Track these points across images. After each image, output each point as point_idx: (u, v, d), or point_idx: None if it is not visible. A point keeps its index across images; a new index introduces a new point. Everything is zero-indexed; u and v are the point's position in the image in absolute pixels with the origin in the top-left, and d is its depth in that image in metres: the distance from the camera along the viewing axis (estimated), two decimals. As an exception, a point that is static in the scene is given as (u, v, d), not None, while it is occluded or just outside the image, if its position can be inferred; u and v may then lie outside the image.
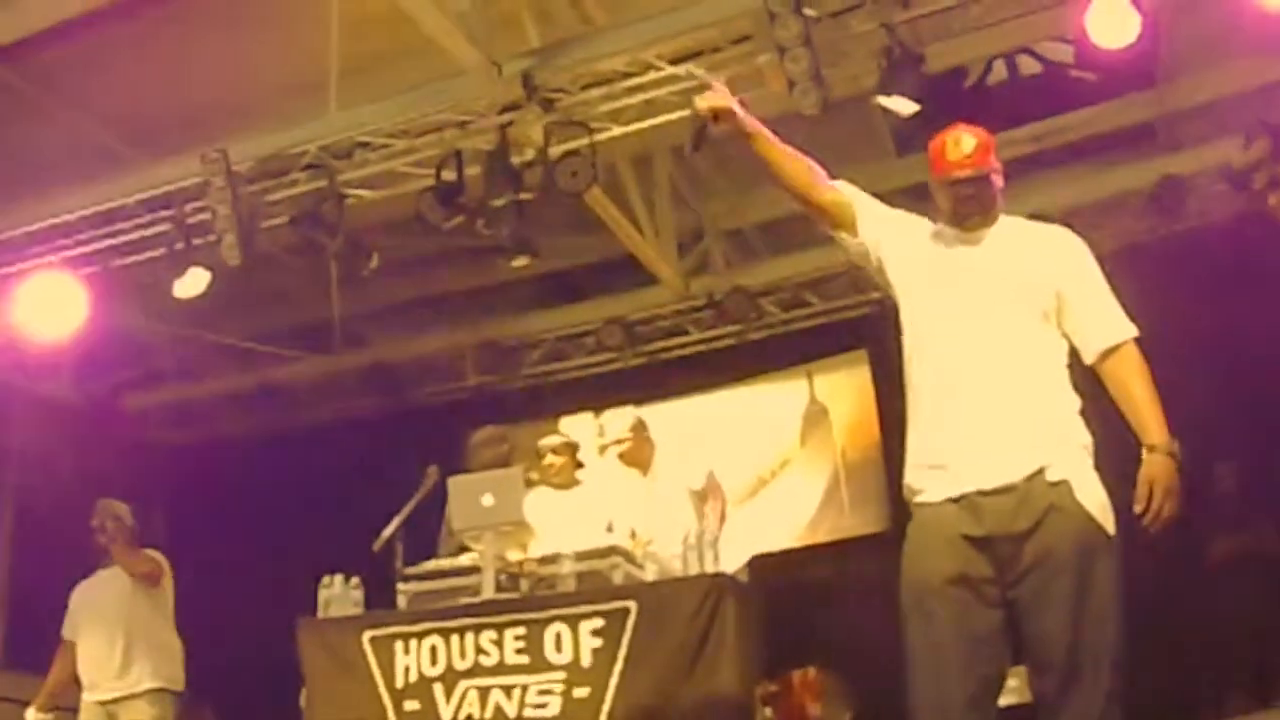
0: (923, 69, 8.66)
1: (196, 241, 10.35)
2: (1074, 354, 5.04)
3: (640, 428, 9.45)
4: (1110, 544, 4.72)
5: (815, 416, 12.91)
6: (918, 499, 4.98)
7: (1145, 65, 10.05)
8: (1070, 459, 4.81)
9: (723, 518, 9.12)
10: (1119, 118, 11.47)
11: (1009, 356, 4.92)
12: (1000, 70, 11.47)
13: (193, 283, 10.50)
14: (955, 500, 4.82)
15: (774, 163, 5.37)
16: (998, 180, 5.21)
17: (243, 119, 10.41)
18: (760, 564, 9.90)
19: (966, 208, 5.16)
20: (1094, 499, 4.76)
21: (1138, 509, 4.69)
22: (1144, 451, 4.76)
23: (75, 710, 9.08)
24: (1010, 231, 5.22)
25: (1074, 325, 5.02)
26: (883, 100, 8.90)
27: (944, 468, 4.88)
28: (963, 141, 5.19)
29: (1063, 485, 4.73)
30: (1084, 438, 4.91)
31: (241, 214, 9.86)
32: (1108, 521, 4.74)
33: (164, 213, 10.57)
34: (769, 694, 7.61)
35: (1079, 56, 9.31)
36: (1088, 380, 4.98)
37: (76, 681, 9.10)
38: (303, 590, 8.31)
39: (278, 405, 15.01)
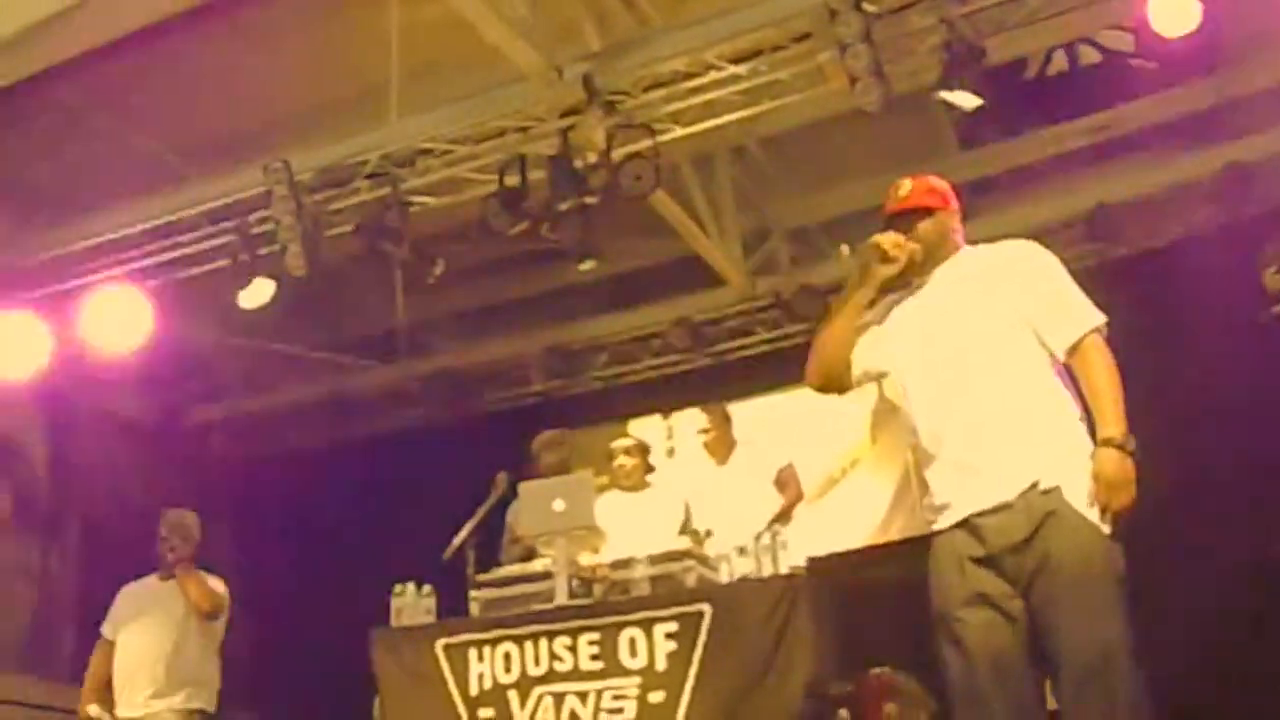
0: (984, 62, 8.61)
1: (261, 252, 10.36)
2: None
3: (724, 418, 9.58)
4: (1108, 543, 4.74)
5: (884, 414, 12.75)
6: (932, 529, 5.11)
7: (1207, 51, 9.97)
8: (1062, 464, 4.86)
9: (789, 510, 9.15)
10: (1181, 105, 11.32)
11: (984, 383, 5.02)
12: (1061, 61, 11.41)
13: (258, 293, 10.51)
14: (960, 525, 4.95)
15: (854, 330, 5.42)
16: (945, 217, 5.38)
17: (301, 131, 10.44)
18: (832, 564, 9.85)
19: None
20: (1089, 500, 4.77)
21: (1090, 504, 4.76)
22: (1097, 445, 4.81)
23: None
24: (967, 262, 5.35)
25: (1042, 333, 5.07)
26: (945, 95, 8.84)
27: (948, 506, 5.02)
28: (902, 186, 5.42)
29: (1055, 492, 4.80)
30: (1078, 441, 4.94)
31: (305, 223, 9.86)
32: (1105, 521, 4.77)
33: (227, 224, 10.59)
34: (844, 695, 7.53)
35: (1139, 45, 9.23)
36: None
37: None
38: (374, 600, 8.31)
39: (343, 415, 14.99)
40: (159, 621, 8.90)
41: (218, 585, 9.08)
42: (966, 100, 8.80)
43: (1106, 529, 4.72)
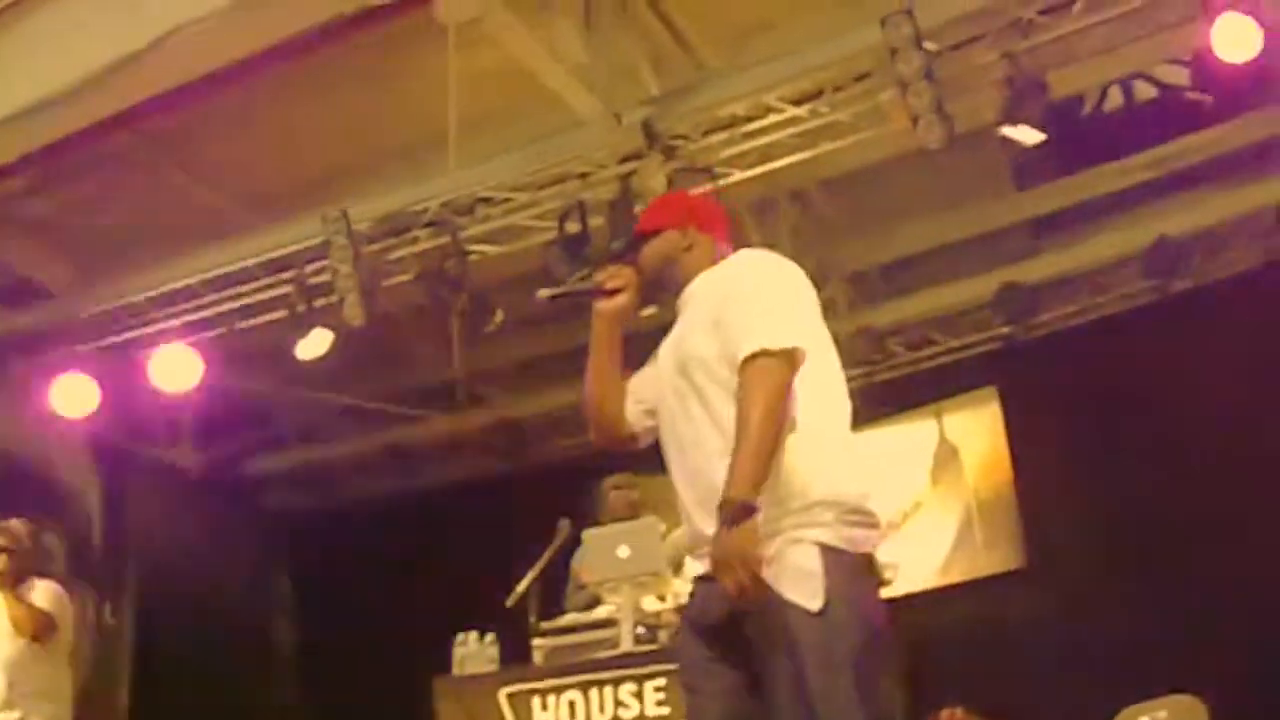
0: (1046, 96, 8.58)
1: (318, 303, 10.40)
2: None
3: None
4: (821, 623, 3.97)
5: (946, 456, 12.71)
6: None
7: (1262, 83, 9.90)
8: (767, 529, 4.02)
9: None
10: (1239, 138, 11.18)
11: (692, 426, 4.41)
12: (1116, 97, 11.36)
13: (315, 344, 10.56)
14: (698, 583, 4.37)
15: (610, 375, 4.90)
16: (676, 235, 4.77)
17: (358, 180, 10.52)
18: (897, 607, 9.79)
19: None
20: (786, 575, 4.04)
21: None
22: None
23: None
24: (704, 281, 4.66)
25: (726, 359, 4.28)
26: (1008, 130, 8.81)
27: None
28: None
29: None
30: (801, 499, 4.16)
31: (363, 273, 9.91)
32: (807, 594, 4.00)
33: (284, 274, 10.65)
34: (916, 735, 7.48)
35: (1195, 78, 9.16)
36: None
37: None
38: (436, 650, 8.32)
39: (402, 467, 14.97)
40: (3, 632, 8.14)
41: (47, 603, 8.19)
42: (1029, 135, 8.78)
43: (814, 605, 3.97)
